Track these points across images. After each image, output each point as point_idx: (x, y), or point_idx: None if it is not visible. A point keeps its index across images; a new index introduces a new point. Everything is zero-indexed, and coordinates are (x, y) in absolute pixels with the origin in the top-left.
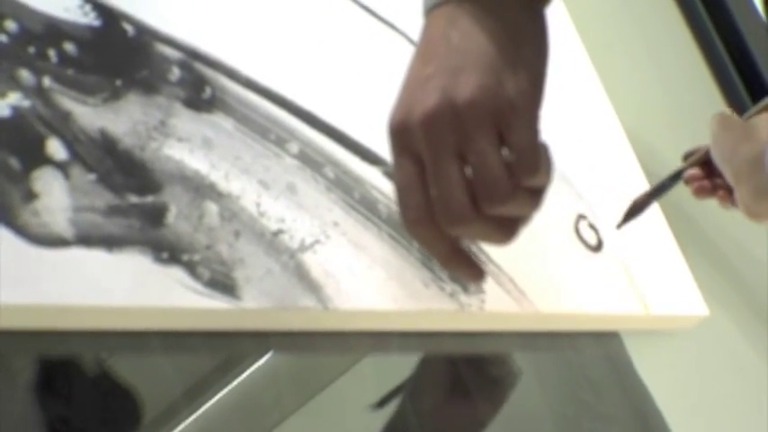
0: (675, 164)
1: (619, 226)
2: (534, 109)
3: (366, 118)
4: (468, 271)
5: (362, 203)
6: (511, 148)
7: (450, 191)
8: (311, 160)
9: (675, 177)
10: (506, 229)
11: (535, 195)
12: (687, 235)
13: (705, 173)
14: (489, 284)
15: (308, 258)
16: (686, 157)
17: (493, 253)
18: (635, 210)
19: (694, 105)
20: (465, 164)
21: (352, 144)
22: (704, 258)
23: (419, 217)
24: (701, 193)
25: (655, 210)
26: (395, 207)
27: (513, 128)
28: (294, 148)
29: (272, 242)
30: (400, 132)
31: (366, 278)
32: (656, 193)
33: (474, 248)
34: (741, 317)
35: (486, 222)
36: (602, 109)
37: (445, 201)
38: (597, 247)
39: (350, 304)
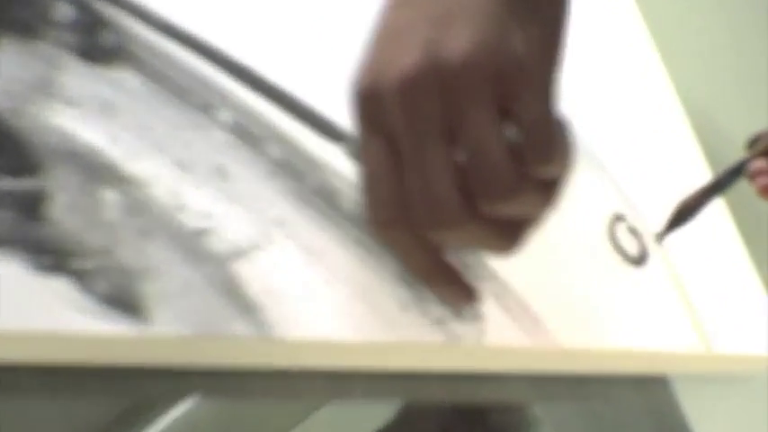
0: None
1: (660, 237)
2: (549, 73)
3: (326, 78)
4: (455, 290)
5: (319, 195)
6: (517, 124)
7: (435, 182)
8: (249, 135)
9: (737, 171)
10: (509, 233)
11: (548, 190)
12: (765, 247)
13: None
14: (491, 308)
15: (243, 269)
16: (751, 144)
17: (497, 264)
18: (683, 214)
19: None
20: (455, 145)
21: (305, 113)
22: None
23: (391, 216)
24: None
25: (720, 210)
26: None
27: (520, 98)
28: (226, 117)
29: (193, 246)
30: (369, 101)
31: (322, 297)
32: (712, 192)
33: (469, 257)
34: None
35: (483, 225)
36: (653, 74)
37: (428, 195)
38: (640, 260)
39: (299, 332)
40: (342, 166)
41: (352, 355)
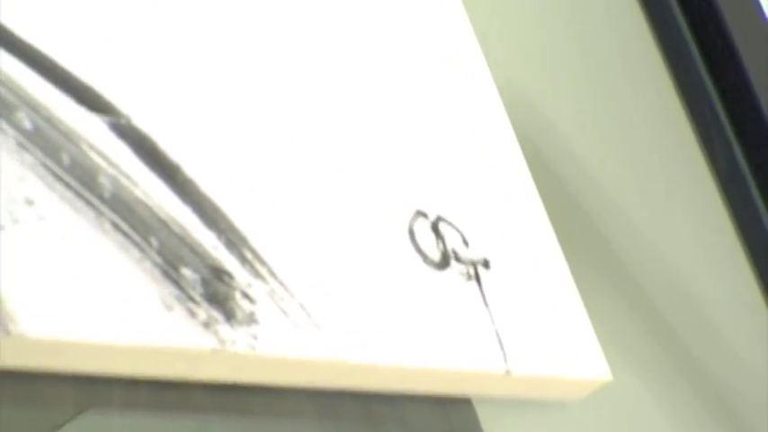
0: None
1: None
2: None
3: (88, 39)
4: None
5: (74, 173)
6: None
7: None
8: None
9: None
10: None
11: None
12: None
13: None
14: (267, 311)
15: None
16: None
17: (276, 264)
18: None
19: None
20: None
21: (64, 78)
22: (610, 297)
23: None
24: None
25: (540, 215)
26: (125, 181)
27: None
28: None
29: None
30: None
31: (74, 289)
32: None
33: (247, 253)
34: (656, 382)
35: None
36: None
37: None
38: (443, 263)
39: (43, 330)
40: (102, 141)
41: (107, 359)
